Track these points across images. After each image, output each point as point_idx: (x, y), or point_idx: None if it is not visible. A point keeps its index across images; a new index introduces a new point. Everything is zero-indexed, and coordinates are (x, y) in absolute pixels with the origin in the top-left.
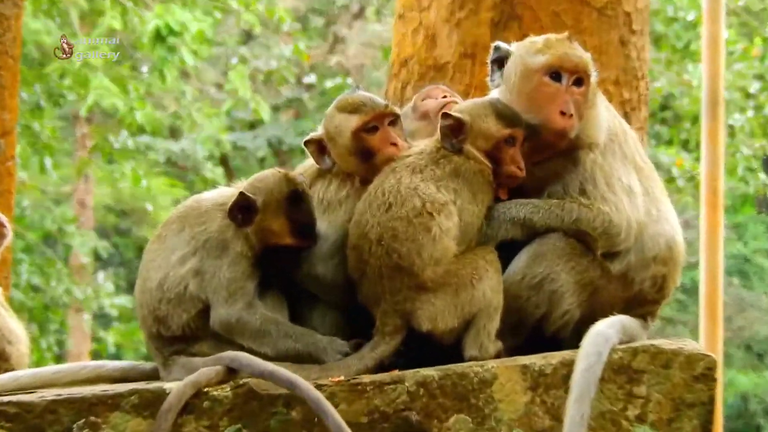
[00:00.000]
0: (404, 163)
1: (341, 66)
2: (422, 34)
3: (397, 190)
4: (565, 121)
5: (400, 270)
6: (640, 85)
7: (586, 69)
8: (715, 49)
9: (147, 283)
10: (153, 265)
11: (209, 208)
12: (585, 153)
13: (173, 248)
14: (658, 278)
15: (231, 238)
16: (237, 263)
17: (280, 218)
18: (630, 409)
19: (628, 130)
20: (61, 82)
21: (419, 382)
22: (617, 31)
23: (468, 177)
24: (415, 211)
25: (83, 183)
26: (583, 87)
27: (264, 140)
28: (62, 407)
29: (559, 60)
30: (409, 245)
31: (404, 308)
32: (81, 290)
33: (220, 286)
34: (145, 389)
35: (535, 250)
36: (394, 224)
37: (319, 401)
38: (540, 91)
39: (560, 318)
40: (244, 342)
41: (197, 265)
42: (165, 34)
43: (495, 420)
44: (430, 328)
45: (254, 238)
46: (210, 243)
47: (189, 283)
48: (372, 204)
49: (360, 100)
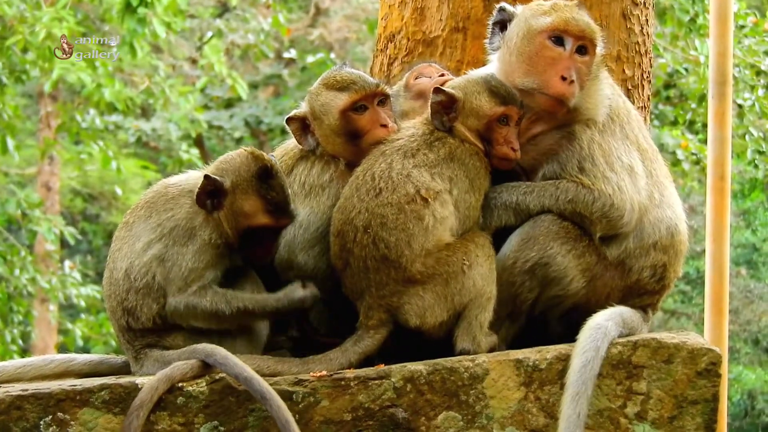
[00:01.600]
0: (395, 147)
1: (323, 40)
2: (410, 7)
3: (388, 175)
4: (565, 86)
5: (387, 261)
6: (643, 61)
7: (592, 37)
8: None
9: (114, 273)
10: (120, 254)
11: (177, 194)
12: (581, 129)
13: (139, 235)
14: (658, 267)
15: (199, 226)
16: (202, 252)
17: (251, 197)
18: (629, 407)
19: (632, 111)
20: (23, 57)
21: (406, 378)
22: (619, 3)
23: (465, 162)
24: (407, 197)
25: (48, 165)
26: (587, 56)
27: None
28: (28, 403)
29: (564, 23)
30: (399, 234)
31: (390, 302)
32: (46, 279)
33: (177, 276)
34: (116, 384)
35: (526, 233)
36: (383, 211)
37: (288, 425)
38: (541, 55)
39: (550, 300)
40: (201, 324)
41: (161, 251)
42: (135, 4)
43: (486, 417)
44: (419, 324)
45: (226, 223)
46: (177, 231)
47: (156, 272)
48: (360, 188)
49: (349, 78)
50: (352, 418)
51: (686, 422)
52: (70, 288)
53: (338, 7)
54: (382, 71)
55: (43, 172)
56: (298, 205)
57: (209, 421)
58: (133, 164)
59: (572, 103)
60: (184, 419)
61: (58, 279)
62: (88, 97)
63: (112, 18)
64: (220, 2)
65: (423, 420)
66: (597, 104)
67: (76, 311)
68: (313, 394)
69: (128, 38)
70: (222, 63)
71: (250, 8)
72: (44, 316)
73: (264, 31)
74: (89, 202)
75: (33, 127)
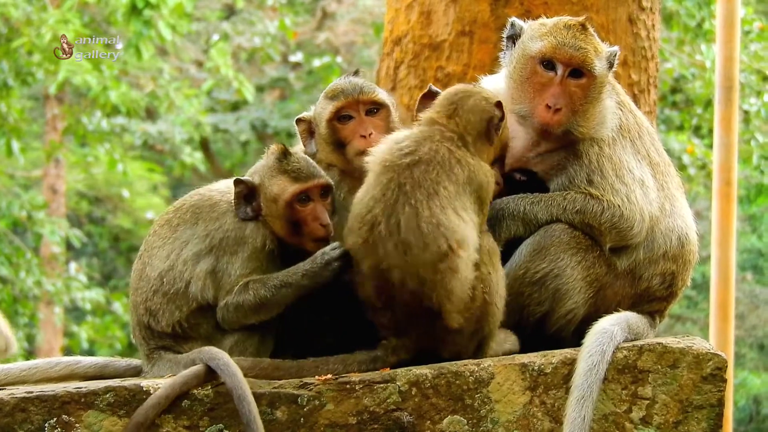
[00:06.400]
0: (410, 175)
1: (330, 44)
2: (417, 10)
3: (416, 225)
4: (549, 115)
5: (431, 313)
6: (649, 66)
7: (584, 62)
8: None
9: (147, 270)
10: (160, 252)
11: (222, 202)
12: (588, 146)
13: (186, 241)
14: (667, 275)
15: (250, 233)
16: (252, 259)
17: (276, 178)
18: (635, 411)
19: (644, 126)
20: (29, 59)
21: (411, 382)
22: (626, 8)
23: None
24: (440, 254)
25: (54, 167)
26: (582, 79)
27: (247, 122)
28: (33, 405)
29: (553, 49)
30: (439, 291)
31: (429, 346)
32: (52, 282)
33: (227, 283)
34: (121, 387)
35: (537, 243)
36: (419, 272)
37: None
38: (532, 80)
39: (563, 317)
40: (252, 321)
41: (212, 264)
42: (141, 6)
43: (491, 422)
44: (449, 358)
45: (270, 220)
46: (226, 242)
47: (197, 283)
48: (382, 233)
49: (341, 87)
50: (357, 421)
51: (691, 427)
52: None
53: (345, 11)
54: (388, 75)
55: (49, 175)
56: None
57: (214, 425)
58: (139, 167)
59: (560, 129)
60: (189, 422)
61: (63, 281)
62: (94, 99)
63: (117, 21)
64: (226, 5)
65: (428, 424)
66: (599, 124)
67: (82, 314)
68: (318, 397)
69: (134, 40)
70: (228, 66)
71: (256, 11)
72: (49, 319)
73: (270, 34)
74: (95, 205)
75: (39, 129)
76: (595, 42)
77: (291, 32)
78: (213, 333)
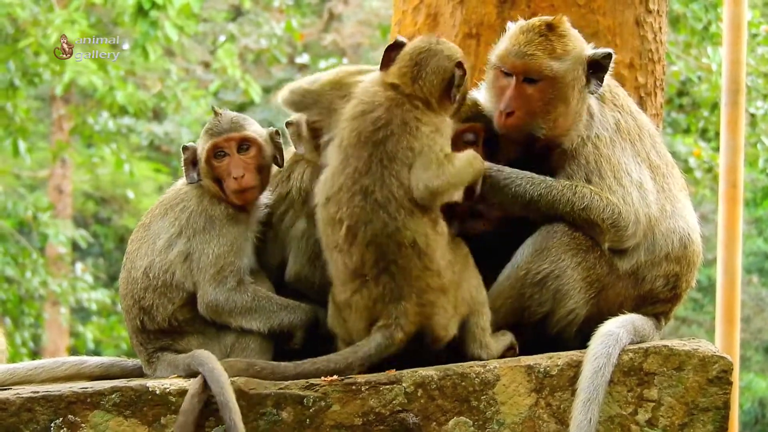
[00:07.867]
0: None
1: (336, 45)
2: (424, 12)
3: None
4: (502, 119)
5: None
6: (656, 69)
7: (529, 69)
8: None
9: (132, 273)
10: (138, 253)
11: (184, 188)
12: (580, 146)
13: (158, 233)
14: (671, 277)
15: (209, 204)
16: (223, 234)
17: (202, 139)
18: (640, 413)
19: (645, 128)
20: (36, 60)
21: (417, 383)
22: (633, 11)
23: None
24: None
25: (60, 168)
26: (537, 83)
27: None
28: (39, 405)
29: (504, 55)
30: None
31: (426, 312)
32: (57, 282)
33: (208, 264)
34: (127, 387)
35: (538, 244)
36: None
37: None
38: (494, 86)
39: (565, 317)
40: (234, 321)
41: (185, 246)
42: (147, 7)
43: (497, 423)
44: (443, 335)
45: (207, 182)
46: (193, 218)
47: (176, 269)
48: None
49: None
50: (363, 422)
51: (697, 430)
52: (80, 291)
53: (351, 13)
54: None
55: (55, 175)
56: (297, 213)
57: (220, 425)
58: (146, 167)
59: (517, 133)
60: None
61: (69, 282)
62: (101, 100)
63: (123, 22)
64: (233, 6)
65: (434, 425)
66: (574, 123)
67: (87, 314)
68: (324, 398)
69: (141, 41)
70: (235, 67)
71: (263, 12)
72: (55, 319)
73: (277, 35)
74: (101, 205)
75: (45, 129)
76: (556, 43)
77: (298, 34)
78: (209, 328)
